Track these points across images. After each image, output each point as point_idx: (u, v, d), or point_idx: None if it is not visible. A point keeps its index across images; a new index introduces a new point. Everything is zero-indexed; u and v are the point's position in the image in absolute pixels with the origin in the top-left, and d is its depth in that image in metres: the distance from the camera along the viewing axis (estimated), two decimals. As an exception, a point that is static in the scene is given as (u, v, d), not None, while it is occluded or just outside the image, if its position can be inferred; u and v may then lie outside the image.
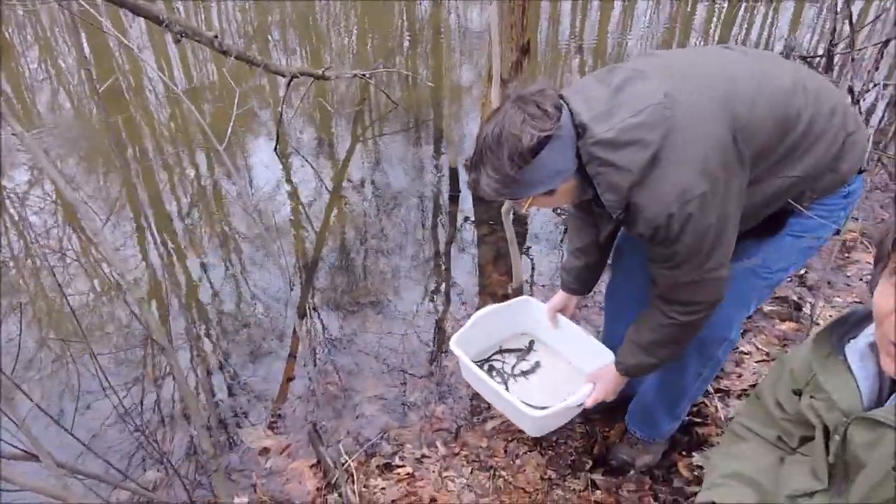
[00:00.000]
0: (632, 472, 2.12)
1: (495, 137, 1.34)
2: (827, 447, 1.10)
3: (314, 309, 2.95)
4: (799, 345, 1.58)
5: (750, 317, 2.48)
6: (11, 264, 3.20)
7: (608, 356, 1.95)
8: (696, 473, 2.10)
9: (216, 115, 4.62)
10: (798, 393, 1.19)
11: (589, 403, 1.86)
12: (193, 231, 3.52)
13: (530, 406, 1.96)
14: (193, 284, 3.15)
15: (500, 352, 2.34)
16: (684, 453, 2.19)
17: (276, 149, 4.17)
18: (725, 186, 1.35)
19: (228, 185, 3.91)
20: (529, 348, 2.34)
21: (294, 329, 2.83)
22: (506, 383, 2.22)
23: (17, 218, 3.56)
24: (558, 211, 3.50)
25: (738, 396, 2.37)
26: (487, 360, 2.31)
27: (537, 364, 2.29)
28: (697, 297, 1.51)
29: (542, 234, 3.44)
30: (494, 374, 2.25)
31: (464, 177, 3.85)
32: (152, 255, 3.32)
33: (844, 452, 1.06)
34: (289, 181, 3.95)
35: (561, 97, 1.37)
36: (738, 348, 2.56)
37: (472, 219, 3.56)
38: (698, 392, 1.96)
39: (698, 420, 2.27)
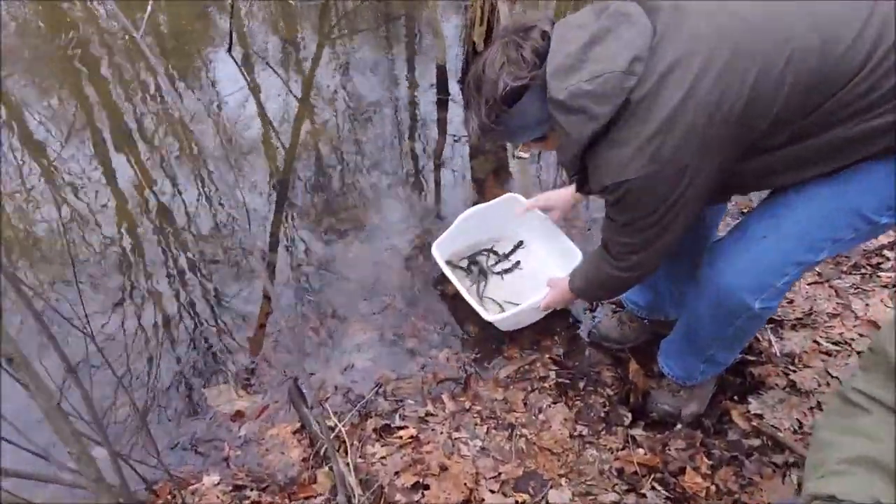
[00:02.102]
0: (678, 425, 1.79)
1: (476, 79, 1.30)
2: None
3: (289, 240, 2.50)
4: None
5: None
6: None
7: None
8: (754, 424, 1.77)
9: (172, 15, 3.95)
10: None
11: (542, 306, 1.89)
12: (154, 151, 2.99)
13: (499, 305, 2.11)
14: (159, 211, 2.65)
15: (486, 251, 2.29)
16: (737, 398, 1.85)
17: (229, 50, 3.56)
18: (683, 175, 1.20)
19: (192, 99, 3.33)
20: (514, 249, 2.28)
21: (266, 264, 2.39)
22: (485, 279, 2.21)
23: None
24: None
25: (794, 327, 2.02)
26: (471, 256, 2.28)
27: (517, 264, 2.26)
28: (626, 261, 1.44)
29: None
30: (475, 268, 2.24)
31: (453, 77, 3.31)
32: (119, 179, 2.82)
33: None
34: (252, 90, 3.37)
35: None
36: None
37: (464, 125, 3.06)
38: (736, 343, 1.61)
39: (751, 358, 1.93)
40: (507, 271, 2.24)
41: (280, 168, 2.85)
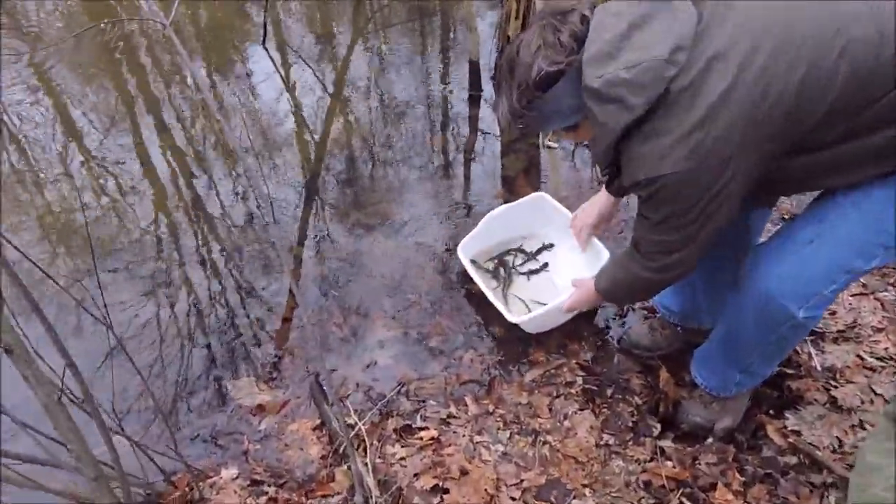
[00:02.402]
0: (709, 438, 1.72)
1: (510, 62, 1.24)
2: None
3: (317, 233, 2.48)
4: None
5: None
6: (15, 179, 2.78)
7: None
8: (791, 440, 1.68)
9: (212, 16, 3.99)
10: None
11: (565, 307, 1.82)
12: (189, 143, 3.01)
13: (525, 305, 2.07)
14: (193, 201, 2.67)
15: (514, 251, 2.25)
16: (772, 413, 1.77)
17: (263, 43, 3.57)
18: (724, 170, 1.14)
19: (229, 94, 3.35)
20: (542, 249, 2.23)
21: (293, 257, 2.38)
22: (511, 280, 2.17)
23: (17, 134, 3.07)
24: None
25: (835, 340, 1.93)
26: (499, 256, 2.23)
27: (545, 265, 2.19)
28: (657, 261, 1.37)
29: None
30: (502, 269, 2.19)
31: (486, 73, 3.26)
32: (157, 168, 2.86)
33: None
34: (285, 84, 3.38)
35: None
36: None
37: (496, 123, 3.01)
38: (777, 354, 1.53)
39: (789, 371, 1.84)
40: (534, 272, 2.19)
41: (310, 162, 2.84)
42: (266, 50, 3.56)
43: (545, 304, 1.93)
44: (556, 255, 2.21)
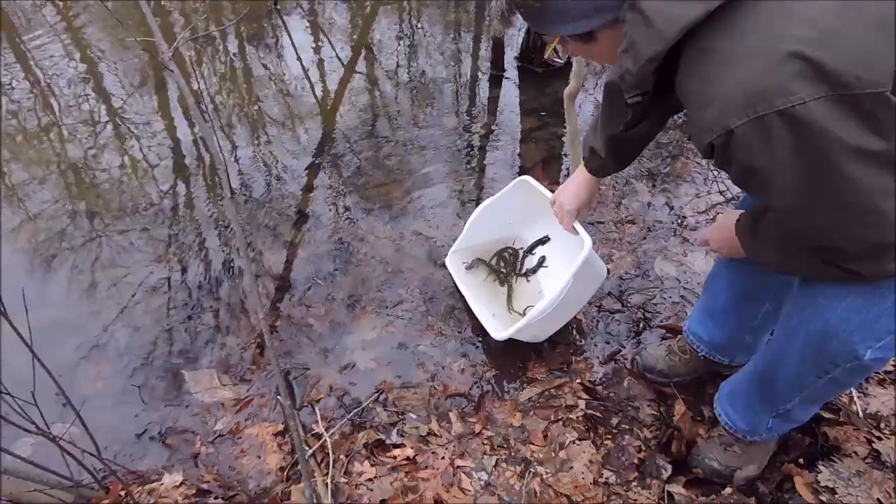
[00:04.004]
0: (727, 488, 1.48)
1: None
2: None
3: (308, 214, 2.25)
4: None
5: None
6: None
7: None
8: (823, 499, 1.43)
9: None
10: None
11: (699, 240, 1.39)
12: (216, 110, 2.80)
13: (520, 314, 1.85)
14: (182, 167, 2.46)
15: (509, 250, 2.02)
16: (803, 462, 1.52)
17: (275, 4, 3.33)
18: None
19: (255, 62, 3.13)
20: (536, 244, 1.98)
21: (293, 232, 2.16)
22: (506, 280, 1.96)
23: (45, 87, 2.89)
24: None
25: (881, 382, 1.67)
26: (499, 253, 2.02)
27: (543, 260, 1.95)
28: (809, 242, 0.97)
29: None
30: (504, 265, 1.99)
31: (511, 49, 3.00)
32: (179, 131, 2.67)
33: None
34: (303, 53, 3.14)
35: None
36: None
37: (518, 107, 2.75)
38: (821, 398, 1.29)
39: (825, 415, 1.59)
40: (532, 271, 1.95)
41: (318, 136, 2.60)
42: (276, 10, 3.33)
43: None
44: (553, 248, 1.96)
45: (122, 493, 1.42)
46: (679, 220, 2.17)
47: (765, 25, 0.80)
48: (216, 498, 1.46)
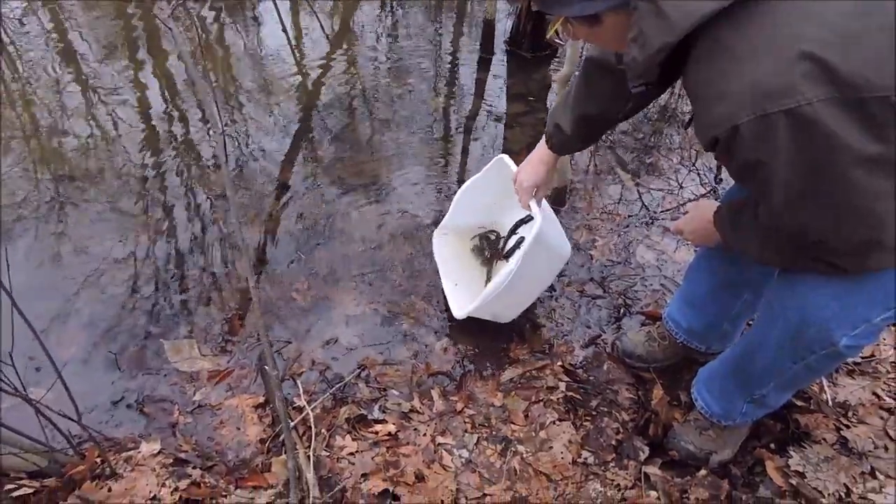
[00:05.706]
0: (702, 470, 1.51)
1: None
2: None
3: (293, 187, 2.23)
4: None
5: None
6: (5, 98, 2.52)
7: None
8: (792, 482, 1.48)
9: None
10: None
11: (673, 228, 1.41)
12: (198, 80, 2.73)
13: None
14: (167, 137, 2.40)
15: (493, 233, 1.99)
16: (774, 448, 1.57)
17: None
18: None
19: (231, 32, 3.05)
20: (519, 224, 1.92)
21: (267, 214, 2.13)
22: (491, 261, 1.93)
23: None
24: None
25: (850, 373, 1.72)
26: (484, 235, 1.99)
27: (521, 241, 1.90)
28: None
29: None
30: (487, 245, 1.97)
31: (501, 33, 2.99)
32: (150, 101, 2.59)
33: None
34: (286, 28, 3.09)
35: None
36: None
37: (505, 91, 2.75)
38: (796, 384, 1.33)
39: (797, 402, 1.63)
40: (511, 252, 1.92)
41: (301, 110, 2.57)
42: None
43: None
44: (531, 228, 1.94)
45: (98, 459, 1.39)
46: (660, 210, 2.20)
47: (779, 25, 0.81)
48: (194, 468, 1.44)
